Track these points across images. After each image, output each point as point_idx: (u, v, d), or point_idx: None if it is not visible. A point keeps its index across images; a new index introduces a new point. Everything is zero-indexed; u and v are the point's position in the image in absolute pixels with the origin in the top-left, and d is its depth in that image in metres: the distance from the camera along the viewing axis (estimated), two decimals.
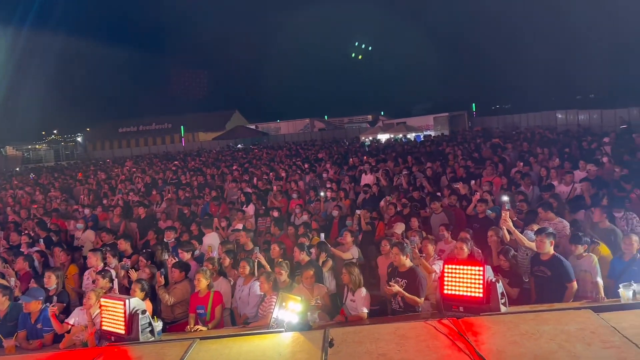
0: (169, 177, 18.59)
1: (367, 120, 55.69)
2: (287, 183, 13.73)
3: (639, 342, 3.37)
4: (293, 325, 4.27)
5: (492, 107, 55.27)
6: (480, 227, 7.66)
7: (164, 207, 12.23)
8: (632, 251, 5.48)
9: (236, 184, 14.18)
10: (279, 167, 18.28)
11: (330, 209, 10.16)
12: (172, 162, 25.88)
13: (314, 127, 53.13)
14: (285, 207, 11.36)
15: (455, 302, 4.23)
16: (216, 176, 17.40)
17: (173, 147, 49.01)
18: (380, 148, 23.66)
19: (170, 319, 5.94)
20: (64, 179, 22.67)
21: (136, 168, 24.37)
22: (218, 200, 11.95)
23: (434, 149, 19.39)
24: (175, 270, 6.24)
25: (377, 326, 4.19)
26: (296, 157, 22.42)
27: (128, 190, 15.55)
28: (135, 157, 37.04)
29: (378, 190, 11.22)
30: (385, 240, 6.84)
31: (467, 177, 11.39)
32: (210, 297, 5.74)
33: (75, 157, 56.89)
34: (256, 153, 28.20)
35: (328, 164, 17.35)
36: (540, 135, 19.08)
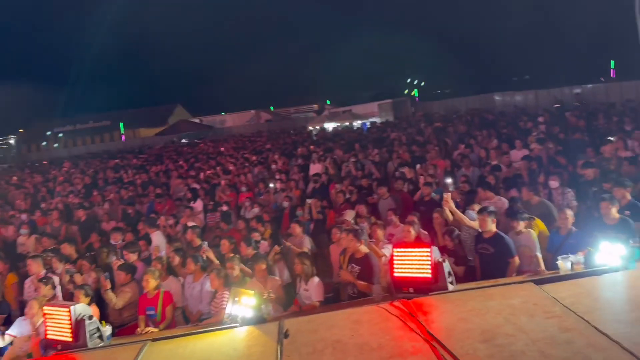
0: (110, 176, 17.94)
1: (314, 109, 55.77)
2: (236, 176, 13.56)
3: (578, 310, 3.58)
4: (247, 320, 4.24)
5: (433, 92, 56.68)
6: (426, 209, 7.86)
7: (106, 208, 11.79)
8: (568, 225, 5.80)
9: (182, 180, 13.87)
10: (227, 160, 18.02)
11: (280, 200, 10.13)
12: (112, 161, 24.99)
13: (261, 118, 52.66)
14: (235, 200, 11.23)
15: (406, 284, 4.34)
16: (161, 173, 16.95)
17: (113, 145, 47.23)
18: (327, 137, 23.78)
19: (119, 322, 5.75)
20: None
21: (75, 169, 23.36)
22: (163, 198, 11.64)
23: (380, 135, 19.68)
24: (121, 273, 6.05)
25: (331, 313, 4.23)
26: (243, 150, 22.17)
27: (67, 193, 14.88)
28: (73, 158, 35.46)
29: (327, 179, 11.28)
30: (336, 228, 6.89)
31: (412, 161, 11.65)
32: (160, 297, 5.60)
33: (9, 161, 53.66)
34: (202, 147, 27.66)
35: (276, 155, 17.27)
36: (480, 118, 19.78)
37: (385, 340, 3.49)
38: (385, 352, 3.32)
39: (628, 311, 3.53)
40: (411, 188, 9.53)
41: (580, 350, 3.02)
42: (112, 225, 9.88)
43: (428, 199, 8.33)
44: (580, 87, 23.65)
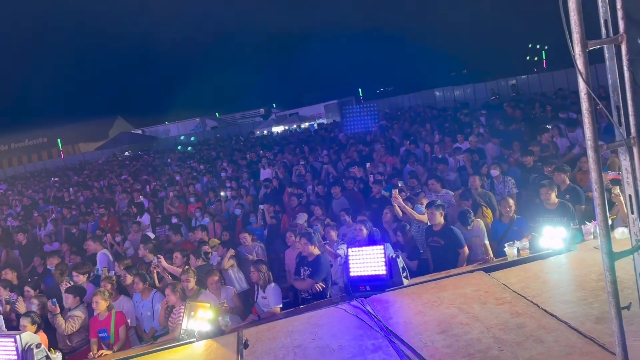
0: (50, 195, 17.13)
1: (260, 114, 55.44)
2: (185, 187, 13.27)
3: (527, 294, 3.75)
4: (205, 333, 4.16)
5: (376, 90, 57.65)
6: (378, 207, 7.99)
7: (50, 229, 11.24)
8: (510, 213, 6.04)
9: (127, 195, 13.42)
10: (172, 171, 17.60)
11: (232, 208, 10.00)
12: (51, 179, 23.87)
13: (206, 126, 51.79)
14: (184, 212, 10.99)
15: (362, 283, 4.39)
16: (104, 189, 16.33)
17: (52, 163, 45.06)
18: (276, 141, 23.69)
19: (69, 348, 5.48)
20: None
21: (12, 190, 22.14)
22: (107, 215, 11.22)
23: (328, 136, 19.81)
24: (69, 296, 5.76)
25: (290, 319, 4.22)
26: (190, 159, 21.73)
27: (5, 216, 14.08)
28: (9, 178, 33.61)
29: (278, 183, 11.25)
30: (290, 232, 6.88)
31: (361, 160, 11.80)
32: (112, 318, 5.38)
33: None
34: (146, 159, 26.89)
35: (225, 162, 17.03)
36: (423, 114, 20.29)
37: (345, 341, 3.52)
38: (346, 353, 3.35)
39: (573, 291, 3.72)
40: (362, 187, 9.65)
41: (532, 333, 3.17)
42: (56, 247, 9.44)
43: (379, 196, 8.46)
44: (515, 79, 24.75)
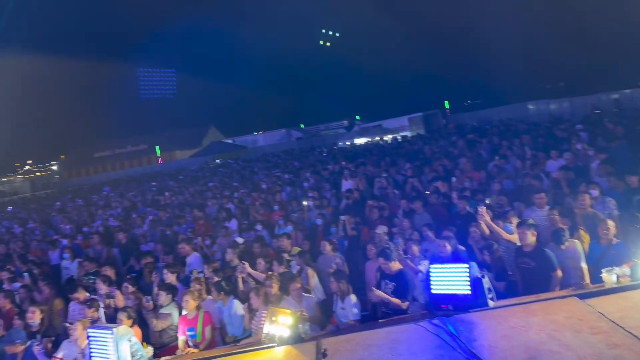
0: (148, 198, 18.39)
1: (344, 125, 55.93)
2: (270, 195, 13.69)
3: (626, 324, 3.45)
4: (285, 339, 4.25)
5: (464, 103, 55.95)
6: (462, 223, 7.74)
7: (145, 229, 12.07)
8: (608, 236, 5.60)
9: (216, 200, 14.08)
10: (260, 179, 18.22)
11: (314, 218, 10.17)
12: (149, 184, 25.60)
13: (291, 136, 53.12)
14: (268, 219, 11.33)
15: (444, 301, 4.27)
16: (196, 194, 17.26)
17: (150, 168, 48.45)
18: (358, 152, 23.78)
19: (159, 344, 5.84)
20: (41, 209, 22.22)
21: (114, 192, 24.05)
22: (200, 219, 11.84)
23: (411, 149, 19.57)
24: (162, 293, 6.15)
25: (369, 332, 4.19)
26: (275, 169, 22.39)
27: (107, 216, 15.31)
28: (112, 182, 36.52)
29: (360, 195, 11.27)
30: (371, 244, 6.86)
31: (445, 174, 11.52)
32: (199, 318, 5.67)
33: (52, 186, 55.88)
34: (235, 167, 28.06)
35: (308, 172, 17.36)
36: (514, 128, 19.42)
37: None
38: None
39: None
40: (445, 202, 9.42)
41: None
42: (151, 247, 10.11)
43: (464, 213, 8.21)
44: (618, 93, 22.92)
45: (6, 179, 74.16)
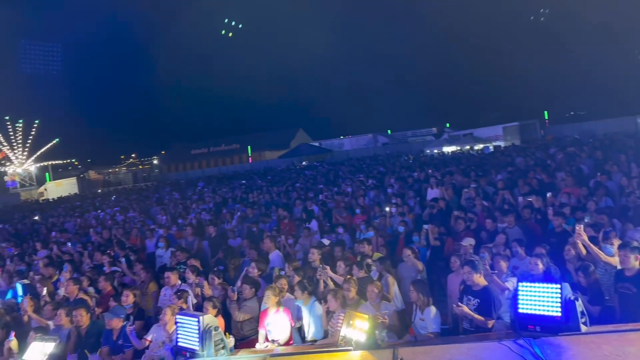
0: (237, 195, 19.17)
1: (432, 132, 54.74)
2: (353, 199, 13.74)
3: None
4: (361, 344, 4.24)
5: (565, 114, 52.46)
6: (557, 241, 7.28)
7: (234, 225, 12.60)
8: None
9: (301, 201, 14.37)
10: (344, 183, 18.32)
11: (396, 224, 10.05)
12: (240, 181, 26.65)
13: (377, 142, 52.89)
14: (350, 222, 11.36)
15: (532, 322, 4.04)
16: (282, 194, 17.73)
17: (241, 167, 50.55)
18: (446, 161, 23.16)
19: (240, 336, 6.06)
20: (141, 200, 23.97)
21: (207, 188, 25.32)
22: (285, 218, 12.15)
23: (504, 160, 18.70)
24: (246, 287, 6.38)
25: (449, 346, 4.07)
26: (359, 173, 22.41)
27: (200, 210, 16.16)
28: (206, 178, 38.44)
29: (445, 204, 10.97)
30: (455, 256, 6.65)
31: (540, 189, 10.89)
32: (279, 314, 5.81)
33: (152, 179, 60.22)
34: (320, 170, 28.46)
35: (392, 178, 17.19)
36: (620, 143, 17.90)
37: None
38: None
39: None
40: (539, 218, 8.90)
41: None
42: (238, 242, 10.54)
43: (559, 230, 7.70)
44: None
45: (112, 170, 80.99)
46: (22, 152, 67.95)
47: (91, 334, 5.99)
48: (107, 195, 33.80)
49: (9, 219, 23.45)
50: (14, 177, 65.39)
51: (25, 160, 68.09)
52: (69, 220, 18.90)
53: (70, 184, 54.57)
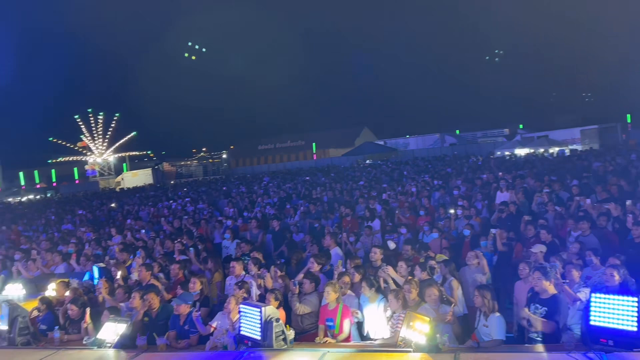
0: (301, 192, 19.42)
1: (504, 134, 52.79)
2: (417, 200, 13.53)
3: None
4: (421, 346, 4.19)
5: None
6: (636, 252, 6.81)
7: (296, 220, 12.80)
8: None
9: (364, 200, 14.34)
10: (408, 182, 18.08)
11: (461, 227, 9.80)
12: (303, 178, 26.97)
13: (445, 142, 51.69)
14: (413, 223, 11.20)
15: (604, 335, 3.82)
16: (345, 191, 17.76)
17: (305, 163, 51.13)
18: (518, 163, 22.25)
19: (300, 329, 6.15)
20: (210, 192, 24.87)
21: (272, 183, 25.84)
22: (347, 215, 12.18)
23: (580, 165, 17.70)
24: (306, 281, 6.46)
25: (514, 355, 3.95)
26: (425, 173, 22.02)
27: (265, 204, 16.54)
28: (271, 173, 39.23)
29: (516, 209, 10.56)
30: (524, 263, 6.39)
31: (620, 196, 10.22)
32: (339, 310, 5.85)
33: (220, 173, 62.38)
34: (384, 169, 28.23)
35: (459, 180, 16.75)
36: None
37: None
38: None
39: None
40: (616, 227, 8.36)
41: None
42: (301, 237, 10.70)
43: (639, 241, 7.20)
44: None
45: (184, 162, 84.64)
46: (102, 143, 72.36)
47: (160, 317, 6.28)
48: (178, 187, 35.34)
49: (88, 206, 25.11)
50: (94, 167, 69.91)
51: (105, 151, 72.53)
52: (143, 209, 19.94)
53: (145, 175, 57.68)
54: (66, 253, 10.61)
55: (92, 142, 71.77)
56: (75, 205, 25.91)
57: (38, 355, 5.42)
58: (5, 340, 5.94)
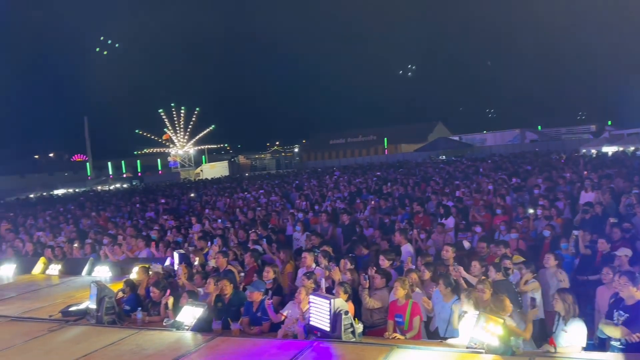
0: (371, 186, 19.35)
1: (590, 130, 49.53)
2: (494, 198, 13.04)
3: None
4: (494, 348, 4.08)
5: None
6: None
7: (366, 215, 12.79)
8: None
9: (436, 196, 14.04)
10: (484, 180, 17.45)
11: (540, 228, 9.34)
12: (374, 173, 26.83)
13: (525, 138, 49.33)
14: (489, 222, 10.83)
15: None
16: (416, 187, 17.48)
17: (376, 158, 50.85)
18: (605, 162, 20.81)
19: (369, 323, 6.16)
20: (282, 185, 25.42)
21: (343, 177, 25.94)
22: (419, 212, 11.99)
23: None
24: (377, 276, 6.46)
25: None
26: (503, 171, 21.15)
27: (335, 198, 16.65)
28: (342, 167, 39.36)
29: (602, 210, 9.90)
30: (608, 267, 6.01)
31: None
32: (408, 306, 5.80)
33: (293, 166, 63.60)
34: (458, 165, 27.44)
35: (540, 178, 15.94)
36: None
37: None
38: None
39: None
40: None
41: None
42: (370, 232, 10.68)
43: None
44: None
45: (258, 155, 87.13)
46: (184, 136, 76.12)
47: (234, 304, 6.54)
48: (253, 179, 36.41)
49: (170, 195, 26.52)
50: (176, 158, 73.81)
51: (186, 143, 76.21)
52: (219, 200, 20.77)
53: (222, 167, 60.15)
54: (149, 239, 11.27)
55: (174, 134, 75.68)
56: (158, 194, 27.44)
57: (123, 334, 5.83)
58: (93, 318, 6.42)
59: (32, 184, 57.70)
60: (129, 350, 5.25)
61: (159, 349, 5.22)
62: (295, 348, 4.84)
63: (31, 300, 7.81)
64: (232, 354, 4.88)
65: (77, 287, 8.48)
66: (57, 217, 19.49)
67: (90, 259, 10.29)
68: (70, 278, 9.35)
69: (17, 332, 6.20)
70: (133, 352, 5.15)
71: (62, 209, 22.98)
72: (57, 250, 11.15)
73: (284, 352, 4.74)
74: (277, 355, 4.68)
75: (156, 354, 5.05)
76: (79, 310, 6.75)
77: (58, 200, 32.97)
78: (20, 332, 6.14)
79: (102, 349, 5.34)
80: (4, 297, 8.16)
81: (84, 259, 10.47)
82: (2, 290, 8.67)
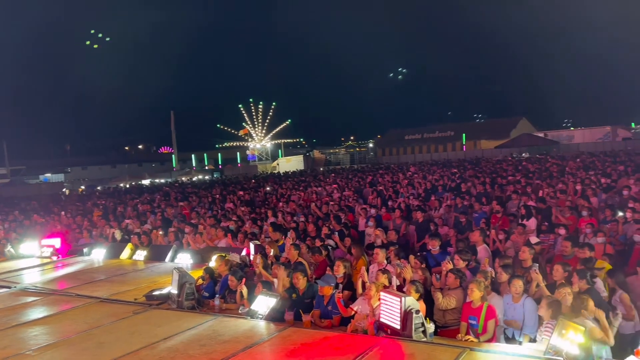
0: (447, 184, 18.86)
1: None
2: (580, 199, 12.26)
3: None
4: (573, 357, 3.88)
5: None
6: None
7: (441, 213, 12.51)
8: None
9: (517, 196, 13.43)
10: (570, 180, 16.44)
11: (630, 232, 8.68)
12: (451, 169, 26.11)
13: (617, 136, 45.78)
14: (574, 224, 10.20)
15: None
16: (496, 186, 16.80)
17: (453, 155, 49.42)
18: None
19: (442, 323, 6.05)
20: (356, 180, 25.43)
21: (418, 173, 25.49)
22: (498, 212, 11.54)
23: None
24: (451, 276, 6.31)
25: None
26: (591, 170, 19.80)
27: (409, 195, 16.42)
28: (418, 163, 38.66)
29: None
30: None
31: None
32: (483, 309, 5.63)
33: (367, 161, 63.47)
34: (543, 163, 26.01)
35: (632, 179, 14.76)
36: None
37: None
38: None
39: None
40: None
41: None
42: (444, 230, 10.43)
43: None
44: None
45: (333, 150, 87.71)
46: (261, 130, 78.35)
47: (306, 296, 6.69)
48: (327, 173, 36.74)
49: (247, 187, 27.42)
50: (254, 152, 76.32)
51: (263, 138, 78.40)
52: (294, 193, 21.17)
53: (297, 161, 61.23)
54: (227, 229, 11.74)
55: (252, 129, 78.11)
56: (237, 186, 28.45)
57: (201, 319, 6.14)
58: (174, 302, 6.80)
59: (122, 173, 62.25)
60: (206, 335, 5.53)
61: (234, 335, 5.45)
62: (366, 344, 4.87)
63: (118, 283, 8.37)
64: (304, 345, 4.99)
65: (161, 272, 8.99)
66: (144, 205, 20.82)
67: (173, 246, 10.86)
68: (154, 264, 9.95)
69: (106, 312, 6.69)
70: (210, 337, 5.41)
71: (148, 198, 24.50)
72: (143, 237, 11.90)
73: (354, 347, 4.79)
74: (347, 349, 4.74)
75: (231, 340, 5.28)
76: (162, 294, 7.15)
77: (145, 189, 35.22)
78: (108, 313, 6.63)
79: (182, 332, 5.65)
80: (95, 279, 8.82)
81: (167, 246, 11.08)
82: (93, 273, 9.38)
